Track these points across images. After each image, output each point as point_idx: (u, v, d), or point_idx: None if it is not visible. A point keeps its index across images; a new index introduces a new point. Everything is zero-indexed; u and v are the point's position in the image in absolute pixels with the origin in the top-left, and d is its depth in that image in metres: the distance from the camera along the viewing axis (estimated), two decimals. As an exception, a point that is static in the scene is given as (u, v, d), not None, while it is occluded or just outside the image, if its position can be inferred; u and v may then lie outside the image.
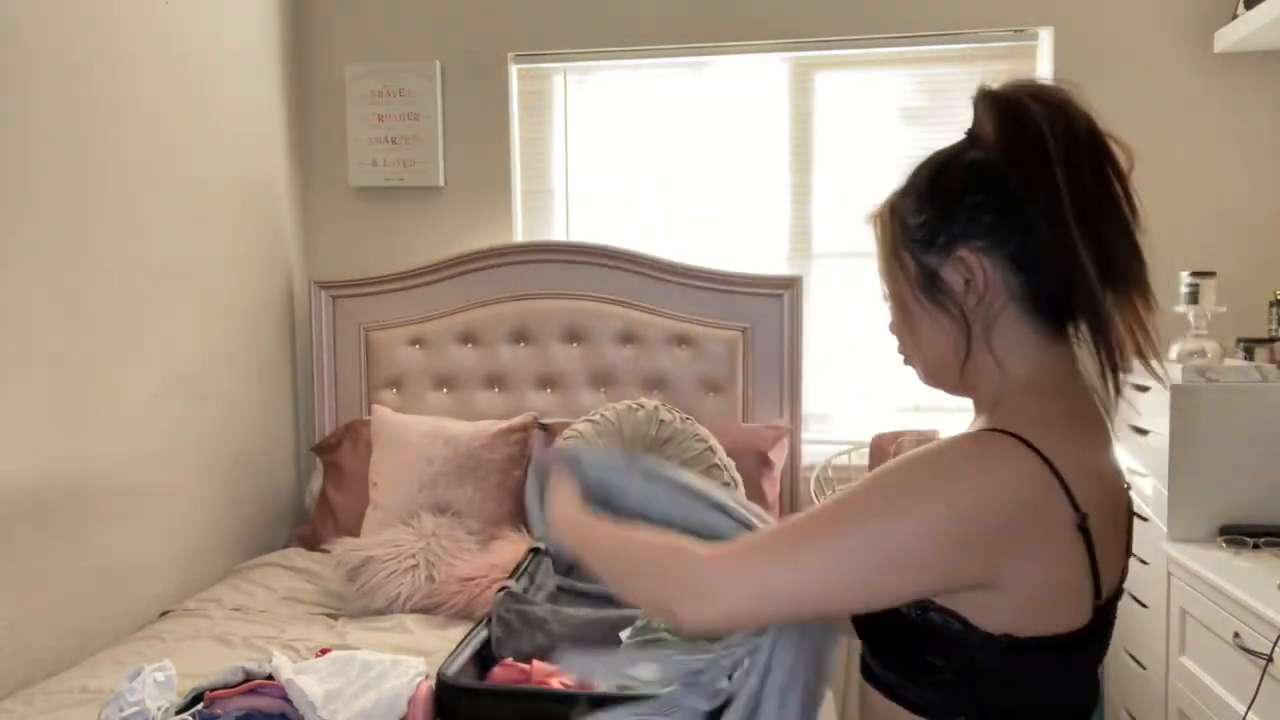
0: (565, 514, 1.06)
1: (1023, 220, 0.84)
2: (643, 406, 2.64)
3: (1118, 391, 0.86)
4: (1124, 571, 0.93)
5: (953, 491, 0.80)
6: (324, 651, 1.79)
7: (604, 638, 1.93)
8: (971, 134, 0.90)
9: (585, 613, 1.95)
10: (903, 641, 0.87)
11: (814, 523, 0.84)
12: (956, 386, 0.95)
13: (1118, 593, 0.92)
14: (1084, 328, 0.86)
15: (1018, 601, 0.82)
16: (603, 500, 1.09)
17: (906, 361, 1.00)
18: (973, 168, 0.88)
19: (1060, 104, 0.85)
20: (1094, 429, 0.89)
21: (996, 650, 0.82)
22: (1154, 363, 0.86)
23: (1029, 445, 0.81)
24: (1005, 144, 0.85)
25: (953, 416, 2.95)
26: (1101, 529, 0.84)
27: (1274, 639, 1.73)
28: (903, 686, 0.88)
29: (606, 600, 1.94)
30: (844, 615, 0.89)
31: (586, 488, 1.10)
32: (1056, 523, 0.81)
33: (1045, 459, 0.81)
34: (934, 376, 0.97)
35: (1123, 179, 0.85)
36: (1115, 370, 0.85)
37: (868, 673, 0.93)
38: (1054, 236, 0.82)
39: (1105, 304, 0.83)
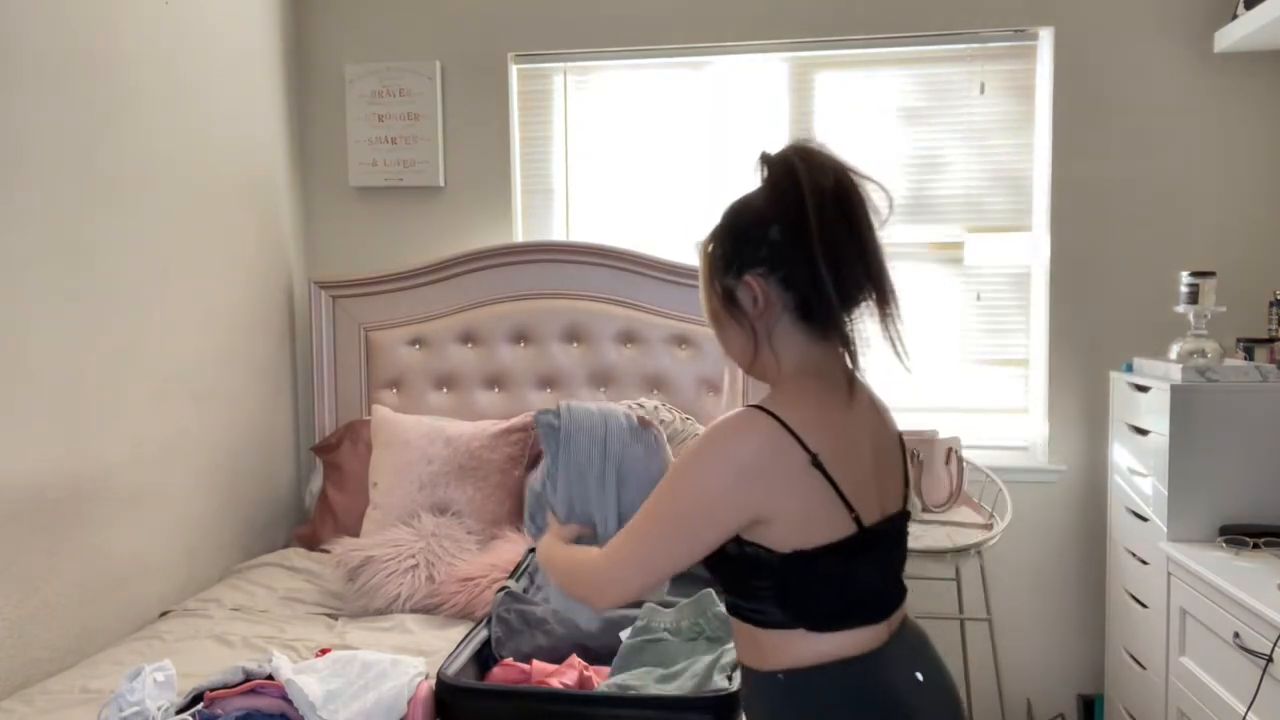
0: (544, 543, 1.43)
1: (786, 255, 1.16)
2: (642, 406, 2.64)
3: (855, 367, 1.21)
4: (905, 497, 1.28)
5: (715, 457, 1.14)
6: (324, 651, 1.79)
7: (604, 637, 1.94)
8: (759, 182, 1.21)
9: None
10: (736, 574, 1.18)
11: (643, 517, 1.19)
12: (752, 374, 1.27)
13: (902, 513, 1.26)
14: (831, 326, 1.17)
15: (791, 525, 1.13)
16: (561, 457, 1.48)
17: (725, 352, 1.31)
18: (755, 213, 1.20)
19: (818, 162, 1.16)
20: (841, 396, 1.21)
21: (793, 563, 1.13)
22: (899, 351, 1.22)
23: (767, 411, 1.13)
24: (774, 196, 1.18)
25: (952, 416, 2.95)
26: (843, 464, 1.15)
27: (1274, 639, 1.73)
28: (747, 609, 1.19)
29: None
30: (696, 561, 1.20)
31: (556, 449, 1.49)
32: (792, 464, 1.12)
33: (780, 420, 1.13)
34: (739, 367, 1.29)
35: (864, 216, 1.17)
36: (854, 357, 1.20)
37: (729, 608, 1.23)
38: (807, 268, 1.14)
39: (839, 314, 1.16)
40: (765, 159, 1.21)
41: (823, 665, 1.16)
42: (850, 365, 1.21)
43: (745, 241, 1.19)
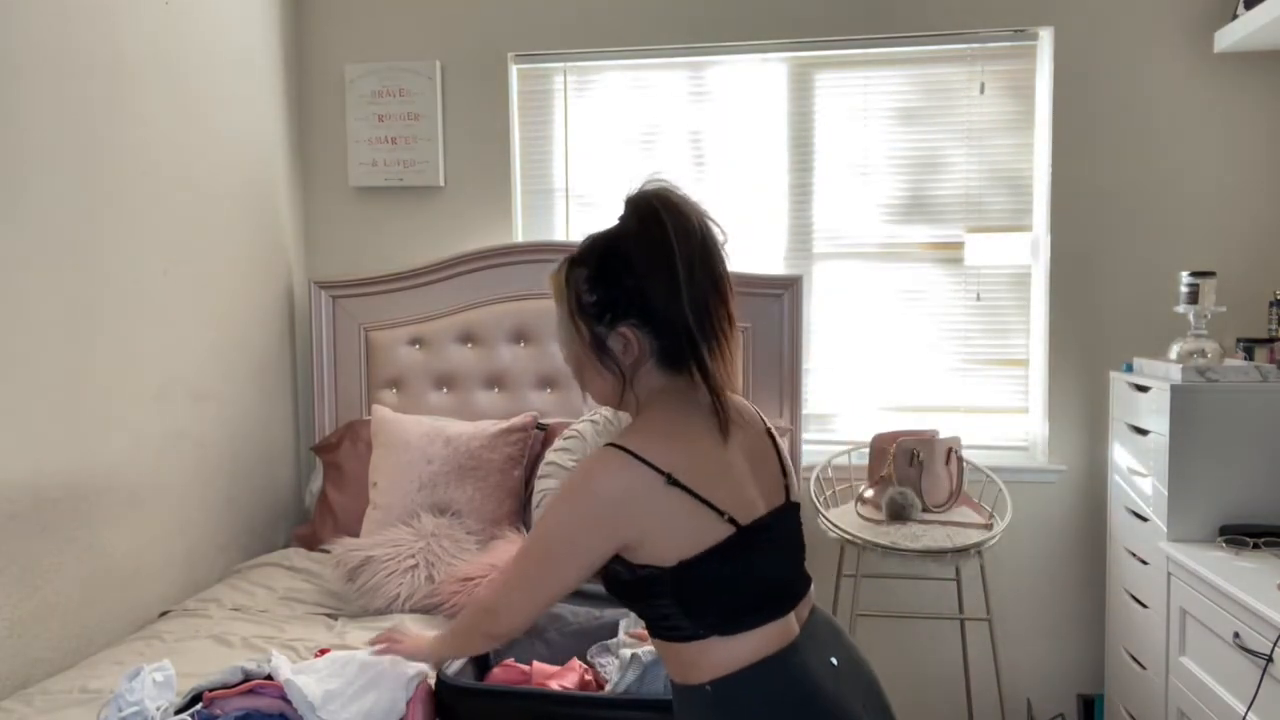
0: (425, 650, 1.62)
1: (656, 306, 1.23)
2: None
3: (717, 399, 1.25)
4: (787, 489, 1.35)
5: (576, 497, 1.23)
6: (323, 652, 1.79)
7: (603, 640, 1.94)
8: (622, 224, 1.26)
9: (584, 618, 1.95)
10: (638, 596, 1.24)
11: (521, 554, 1.31)
12: (615, 408, 1.34)
13: (789, 505, 1.33)
14: (694, 367, 1.25)
15: (667, 539, 1.20)
16: None
17: (582, 387, 1.37)
18: (624, 263, 1.24)
19: (683, 212, 1.23)
20: (703, 420, 1.26)
21: (683, 572, 1.20)
22: (732, 391, 1.29)
23: (619, 447, 1.21)
24: (644, 247, 1.22)
25: (952, 416, 2.95)
26: (704, 475, 1.22)
27: (1274, 639, 1.73)
28: (660, 626, 1.25)
29: (606, 600, 1.94)
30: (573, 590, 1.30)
31: None
32: (651, 487, 1.20)
33: (630, 452, 1.20)
34: (600, 401, 1.36)
35: (721, 260, 1.27)
36: (712, 390, 1.25)
37: (648, 630, 1.29)
38: (678, 319, 1.22)
39: (703, 353, 1.23)
40: (631, 204, 1.26)
41: (744, 669, 1.21)
42: (712, 396, 1.26)
43: (617, 292, 1.25)
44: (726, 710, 1.21)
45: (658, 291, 1.22)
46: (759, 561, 1.25)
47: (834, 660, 1.27)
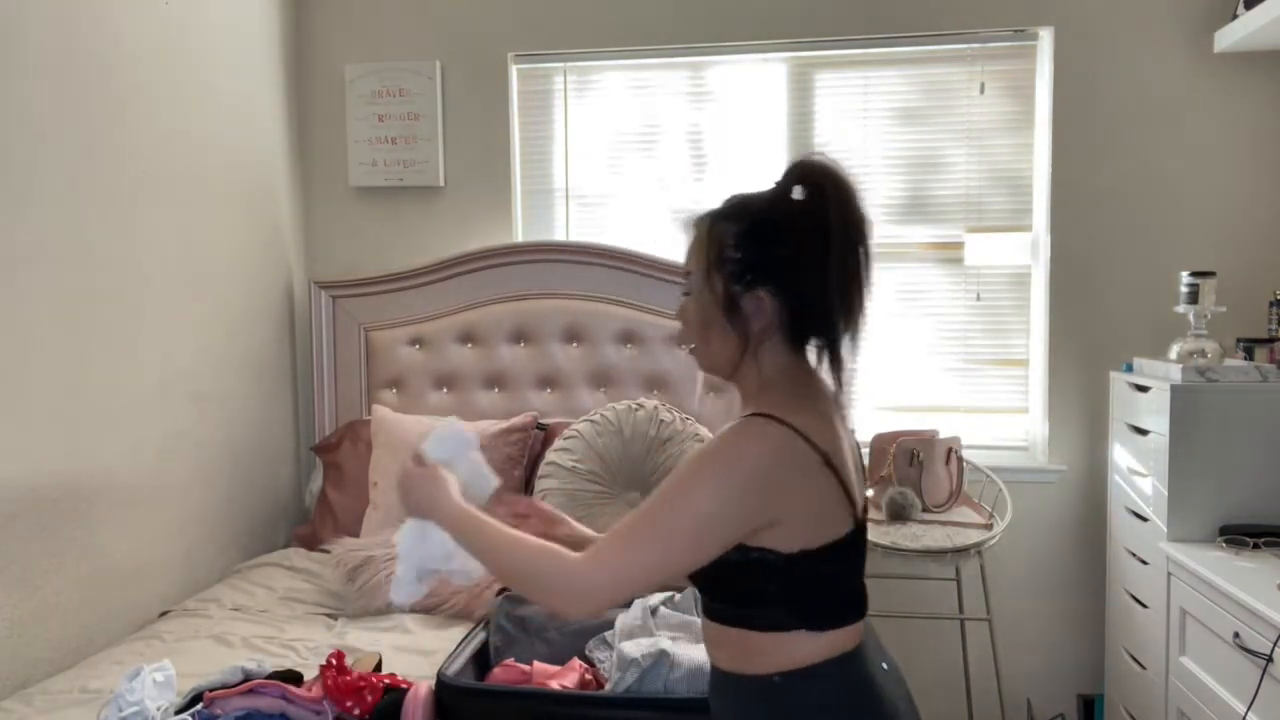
0: (448, 511, 1.27)
1: (801, 279, 1.18)
2: (643, 406, 2.64)
3: (840, 385, 1.21)
4: (865, 499, 1.29)
5: (727, 468, 1.12)
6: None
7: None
8: (782, 190, 1.20)
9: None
10: (737, 580, 1.17)
11: (643, 520, 1.14)
12: (721, 376, 1.27)
13: (865, 512, 1.27)
14: (824, 349, 1.21)
15: (802, 525, 1.14)
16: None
17: (690, 350, 1.28)
18: (776, 229, 1.19)
19: (849, 187, 1.18)
20: (825, 405, 1.22)
21: (798, 563, 1.15)
22: (843, 378, 1.21)
23: (776, 419, 1.14)
24: (802, 217, 1.18)
25: (951, 417, 2.95)
26: (842, 464, 1.18)
27: (1274, 639, 1.73)
28: (746, 614, 1.18)
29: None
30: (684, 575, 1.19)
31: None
32: (808, 464, 1.14)
33: (788, 425, 1.13)
34: (710, 368, 1.27)
35: (869, 252, 1.19)
36: (841, 377, 1.21)
37: (712, 614, 1.23)
38: (817, 292, 1.17)
39: (840, 337, 1.19)
40: (799, 172, 1.20)
41: (817, 665, 1.18)
42: (836, 380, 1.21)
43: (765, 256, 1.18)
44: (795, 703, 1.18)
45: (808, 265, 1.17)
46: (859, 563, 1.23)
47: (885, 665, 1.27)
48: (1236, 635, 1.88)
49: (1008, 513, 2.65)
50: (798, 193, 1.19)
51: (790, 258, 1.18)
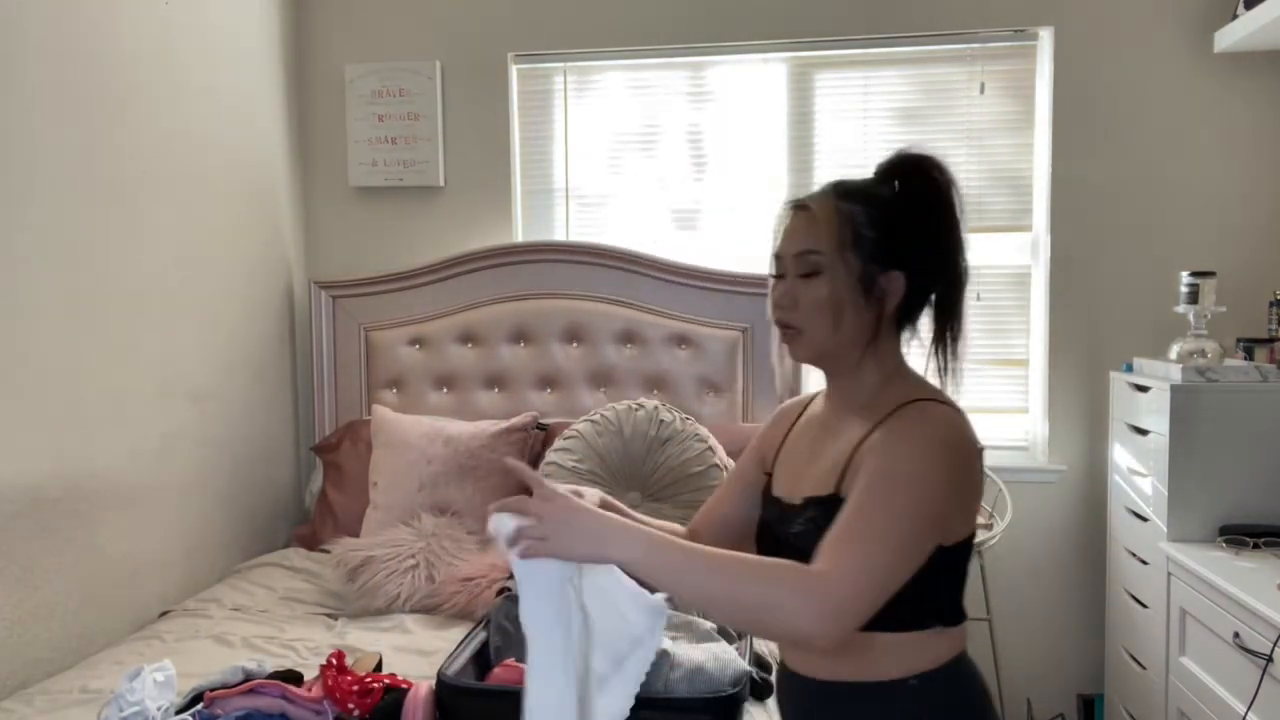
0: (623, 540, 1.05)
1: (930, 266, 1.19)
2: (642, 406, 2.64)
3: (950, 373, 1.22)
4: None
5: (945, 462, 1.08)
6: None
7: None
8: (891, 178, 1.25)
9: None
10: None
11: (869, 523, 1.04)
12: (840, 364, 1.23)
13: None
14: (946, 338, 1.21)
15: (963, 513, 1.13)
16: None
17: (795, 333, 1.21)
18: (916, 213, 1.19)
19: (950, 179, 1.23)
20: None
21: (958, 551, 1.13)
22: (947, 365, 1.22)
23: (951, 405, 1.15)
24: (935, 205, 1.20)
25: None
26: None
27: (1274, 639, 1.73)
28: (881, 614, 1.04)
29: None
30: None
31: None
32: (978, 449, 1.14)
33: (959, 410, 1.14)
34: (823, 354, 1.22)
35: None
36: (949, 367, 1.21)
37: None
38: (937, 279, 1.19)
39: (954, 325, 1.20)
40: (923, 167, 1.24)
41: (947, 664, 1.15)
42: (950, 371, 1.23)
43: (899, 239, 1.18)
44: (929, 706, 1.14)
45: (939, 252, 1.19)
46: (967, 564, 1.21)
47: None
48: (1236, 635, 1.88)
49: (1008, 513, 2.65)
50: (925, 185, 1.23)
51: (930, 244, 1.19)
